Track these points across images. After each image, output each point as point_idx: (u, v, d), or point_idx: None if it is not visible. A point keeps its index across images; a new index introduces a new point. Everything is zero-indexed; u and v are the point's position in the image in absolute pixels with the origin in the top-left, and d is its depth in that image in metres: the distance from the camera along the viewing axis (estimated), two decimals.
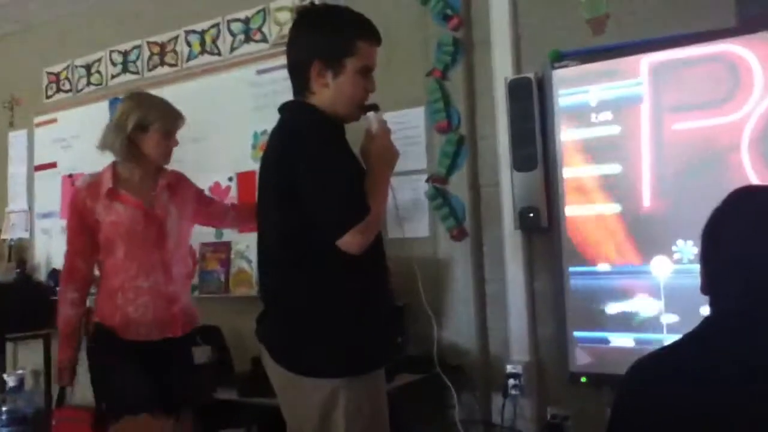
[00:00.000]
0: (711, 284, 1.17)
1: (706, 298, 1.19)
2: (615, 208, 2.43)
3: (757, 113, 2.19)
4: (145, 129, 2.41)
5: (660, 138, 2.35)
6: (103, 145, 2.47)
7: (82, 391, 3.95)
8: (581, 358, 2.48)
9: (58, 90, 4.33)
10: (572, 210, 2.51)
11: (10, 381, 4.00)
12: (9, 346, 4.15)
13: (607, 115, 2.45)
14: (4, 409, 3.92)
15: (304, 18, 1.83)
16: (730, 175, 2.21)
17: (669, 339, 2.27)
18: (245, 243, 3.43)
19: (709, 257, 1.18)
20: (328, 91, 1.76)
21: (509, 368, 2.63)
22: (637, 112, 2.39)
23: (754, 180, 2.17)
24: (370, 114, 1.80)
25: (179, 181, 2.58)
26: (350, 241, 1.64)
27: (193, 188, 2.67)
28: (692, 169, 2.30)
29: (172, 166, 3.85)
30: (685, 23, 2.36)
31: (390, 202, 1.86)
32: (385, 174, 1.77)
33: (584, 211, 2.50)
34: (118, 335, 2.35)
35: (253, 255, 3.40)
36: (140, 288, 2.37)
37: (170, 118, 2.47)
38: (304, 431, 1.72)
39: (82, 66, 4.20)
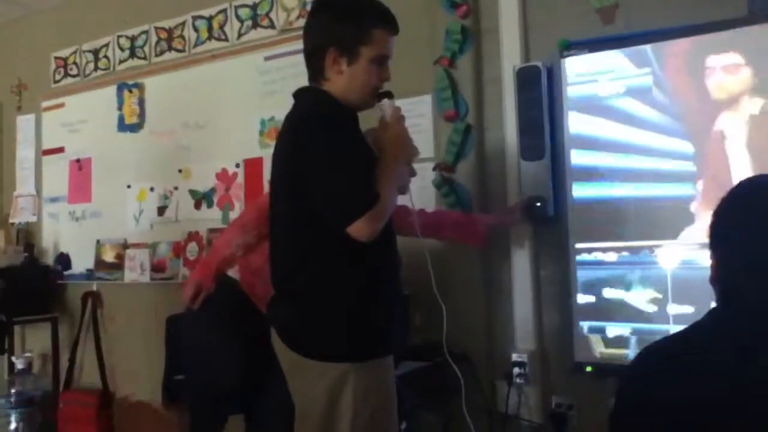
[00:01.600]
0: (720, 275, 1.17)
1: (714, 288, 1.19)
2: (622, 197, 2.43)
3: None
4: None
5: (669, 128, 2.34)
6: None
7: (89, 374, 4.02)
8: (586, 348, 2.49)
9: (66, 75, 4.33)
10: (579, 199, 2.51)
11: (18, 364, 3.99)
12: (17, 329, 4.18)
13: (615, 105, 2.44)
14: (12, 391, 3.94)
15: (322, 3, 1.84)
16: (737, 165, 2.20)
17: (675, 329, 2.28)
18: None
19: (718, 248, 1.18)
20: (342, 79, 1.76)
21: (514, 357, 2.64)
22: (647, 101, 2.38)
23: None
24: (384, 101, 1.80)
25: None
26: (360, 229, 1.64)
27: None
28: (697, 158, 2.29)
29: (179, 152, 3.90)
30: (695, 13, 2.34)
31: (407, 192, 1.84)
32: (397, 161, 1.77)
33: (591, 200, 2.49)
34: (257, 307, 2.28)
35: None
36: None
37: None
38: (312, 414, 1.73)
39: (89, 51, 4.20)
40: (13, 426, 3.79)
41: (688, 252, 2.29)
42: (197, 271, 2.40)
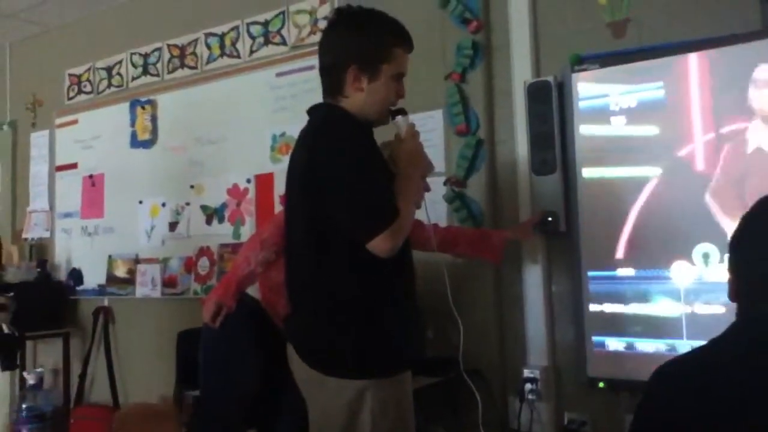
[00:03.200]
0: (739, 291, 1.16)
1: (727, 305, 1.18)
2: (634, 212, 2.42)
3: None
4: None
5: (682, 143, 2.34)
6: None
7: (100, 390, 4.02)
8: (599, 364, 2.47)
9: (80, 92, 4.38)
10: (591, 214, 2.50)
11: (30, 379, 4.04)
12: (29, 345, 4.19)
13: (627, 119, 2.44)
14: (24, 406, 3.97)
15: (342, 19, 1.84)
16: (755, 180, 2.19)
17: (689, 345, 2.26)
18: None
19: (738, 264, 1.17)
20: (362, 96, 1.78)
21: (526, 373, 2.61)
22: (659, 116, 2.37)
23: None
24: (399, 118, 1.83)
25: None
26: (380, 245, 1.64)
27: None
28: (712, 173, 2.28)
29: (191, 168, 3.92)
30: (707, 26, 2.34)
31: (423, 206, 1.86)
32: (413, 177, 1.79)
33: (603, 214, 2.48)
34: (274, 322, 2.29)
35: None
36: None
37: None
38: (330, 430, 1.72)
39: (103, 68, 4.25)
40: None
41: (703, 267, 2.27)
42: (217, 290, 2.39)
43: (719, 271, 2.21)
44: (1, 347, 3.89)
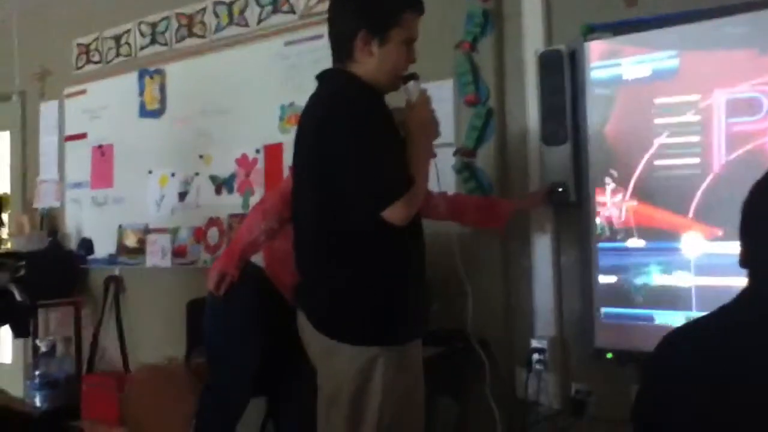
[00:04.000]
0: (749, 258, 1.15)
1: (737, 275, 1.17)
2: (643, 183, 2.40)
3: None
4: None
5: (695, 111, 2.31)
6: None
7: (111, 358, 4.07)
8: (607, 335, 2.47)
9: (88, 61, 4.36)
10: (601, 185, 2.48)
11: (42, 347, 4.11)
12: (41, 313, 4.25)
13: (639, 89, 2.41)
14: (36, 373, 4.03)
15: None
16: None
17: (697, 315, 2.25)
18: None
19: (748, 230, 1.16)
20: (373, 61, 1.76)
21: (534, 343, 2.62)
22: (671, 86, 2.34)
23: None
24: (410, 83, 1.81)
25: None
26: (395, 212, 1.64)
27: None
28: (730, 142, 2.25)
29: (199, 138, 3.92)
30: None
31: (432, 173, 1.84)
32: (426, 144, 1.78)
33: (613, 186, 2.46)
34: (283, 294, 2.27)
35: None
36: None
37: None
38: (340, 397, 1.74)
39: (111, 38, 4.23)
40: (37, 407, 3.87)
41: (712, 240, 2.26)
42: (221, 259, 2.41)
43: (728, 243, 2.20)
44: (13, 315, 3.92)
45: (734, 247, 1.20)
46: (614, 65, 2.45)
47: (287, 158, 3.36)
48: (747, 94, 2.21)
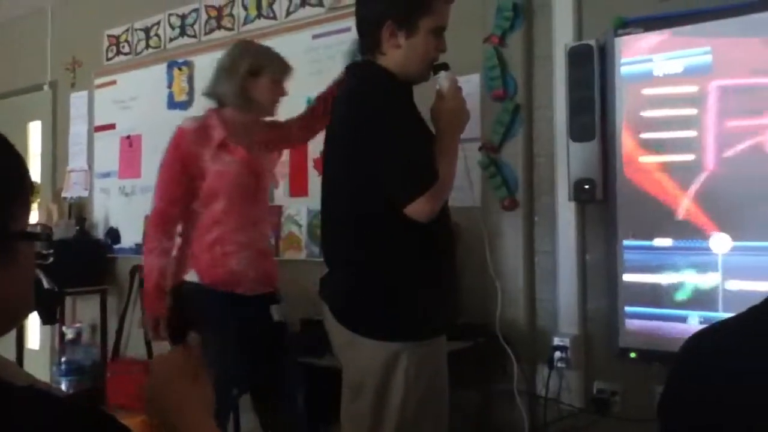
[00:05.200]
0: None
1: (764, 276, 1.14)
2: (674, 182, 2.36)
3: None
4: (257, 74, 2.33)
5: (727, 111, 2.26)
6: (213, 92, 2.41)
7: (135, 345, 4.11)
8: (631, 334, 2.44)
9: (118, 52, 4.41)
10: (629, 183, 2.45)
11: (69, 334, 4.17)
12: (68, 300, 4.31)
13: (672, 86, 2.37)
14: (63, 359, 4.09)
15: None
16: None
17: (724, 317, 2.21)
18: (296, 207, 3.47)
19: None
20: (400, 52, 1.73)
21: (556, 341, 2.60)
22: (705, 83, 2.30)
23: None
24: (441, 74, 1.76)
25: (277, 139, 2.54)
26: (419, 209, 1.62)
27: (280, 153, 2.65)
28: (759, 143, 2.21)
29: None
30: None
31: (461, 167, 1.81)
32: (455, 136, 1.74)
33: (642, 184, 2.43)
34: (223, 290, 2.27)
35: (303, 219, 3.43)
36: (240, 242, 2.30)
37: (282, 64, 2.41)
38: (363, 392, 1.73)
39: (141, 29, 4.27)
40: (64, 392, 3.93)
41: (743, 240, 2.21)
42: (145, 304, 2.38)
43: (755, 244, 2.15)
44: (41, 302, 3.99)
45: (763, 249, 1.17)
46: (645, 60, 2.41)
47: (312, 150, 3.36)
48: None
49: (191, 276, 2.33)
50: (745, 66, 2.23)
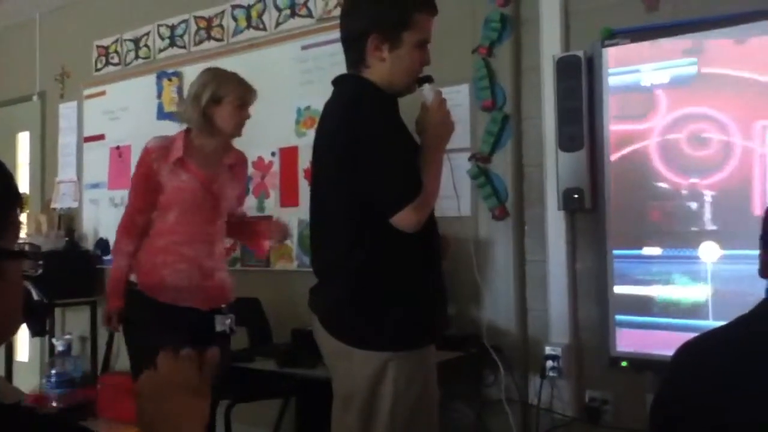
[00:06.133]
0: None
1: (754, 285, 1.15)
2: (662, 191, 2.38)
3: None
4: (219, 101, 2.48)
5: (711, 119, 2.29)
6: (181, 117, 2.60)
7: (126, 357, 4.09)
8: (622, 342, 2.45)
9: (107, 63, 4.40)
10: (617, 192, 2.46)
11: (59, 345, 4.13)
12: (57, 312, 4.28)
13: (658, 96, 2.39)
14: (53, 372, 4.05)
15: None
16: None
17: (714, 325, 2.23)
18: (287, 218, 3.46)
19: None
20: (385, 65, 1.75)
21: (548, 350, 2.61)
22: (690, 93, 2.32)
23: None
24: (425, 86, 1.78)
25: (242, 164, 2.69)
26: (405, 219, 1.63)
27: (245, 178, 2.79)
28: (745, 152, 2.23)
29: None
30: (744, 0, 2.28)
31: (445, 177, 1.82)
32: (440, 147, 1.76)
33: (630, 193, 2.45)
34: (149, 295, 2.45)
35: (294, 230, 3.43)
36: (183, 255, 2.46)
37: (243, 91, 2.55)
38: (352, 401, 1.73)
39: (130, 39, 4.26)
40: (53, 405, 3.90)
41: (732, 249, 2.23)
42: (106, 301, 2.58)
43: (745, 252, 2.17)
44: (31, 314, 3.96)
45: (752, 258, 1.18)
46: (632, 71, 2.44)
47: (303, 161, 3.37)
48: None
49: (133, 277, 2.53)
50: (730, 75, 2.25)
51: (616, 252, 2.46)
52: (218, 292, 2.53)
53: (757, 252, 1.19)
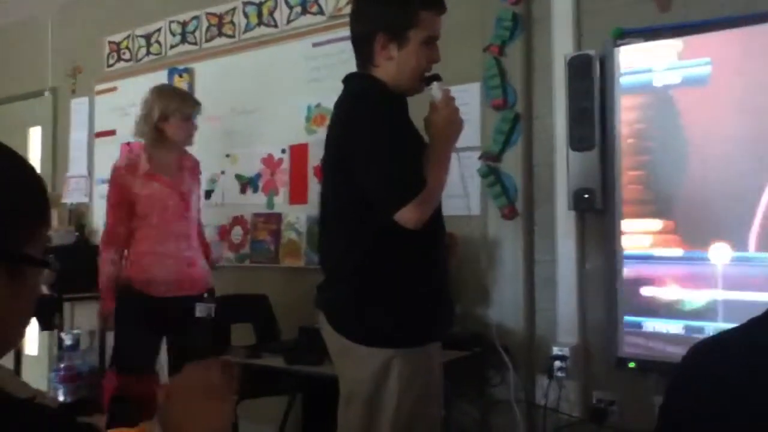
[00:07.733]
0: None
1: (763, 287, 1.14)
2: (674, 192, 2.36)
3: None
4: (166, 118, 2.84)
5: (724, 121, 2.27)
6: (137, 134, 2.97)
7: None
8: (630, 344, 2.44)
9: (119, 59, 4.42)
10: (628, 193, 2.45)
11: (67, 339, 4.13)
12: (66, 306, 4.30)
13: (671, 95, 2.37)
14: (61, 365, 4.07)
15: None
16: None
17: (724, 328, 2.21)
18: (296, 215, 3.47)
19: None
20: (393, 64, 1.75)
21: (555, 350, 2.60)
22: (703, 94, 2.30)
23: None
24: (434, 85, 1.77)
25: (197, 166, 3.06)
26: (406, 216, 1.63)
27: (200, 177, 3.12)
28: (758, 154, 2.21)
29: (226, 137, 3.96)
30: (757, 1, 2.26)
31: (454, 175, 1.81)
32: (448, 146, 1.75)
33: (641, 194, 2.43)
34: (143, 292, 2.78)
35: (302, 227, 3.44)
36: (167, 251, 2.82)
37: (186, 107, 2.89)
38: (357, 398, 1.74)
39: (142, 36, 4.28)
40: (61, 399, 3.91)
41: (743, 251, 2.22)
42: (100, 302, 2.90)
43: (755, 255, 2.16)
44: (40, 308, 3.98)
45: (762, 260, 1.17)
46: (645, 71, 2.42)
47: (313, 159, 3.37)
48: None
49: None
50: (744, 77, 2.24)
51: (625, 253, 2.45)
52: (201, 276, 2.90)
53: None
